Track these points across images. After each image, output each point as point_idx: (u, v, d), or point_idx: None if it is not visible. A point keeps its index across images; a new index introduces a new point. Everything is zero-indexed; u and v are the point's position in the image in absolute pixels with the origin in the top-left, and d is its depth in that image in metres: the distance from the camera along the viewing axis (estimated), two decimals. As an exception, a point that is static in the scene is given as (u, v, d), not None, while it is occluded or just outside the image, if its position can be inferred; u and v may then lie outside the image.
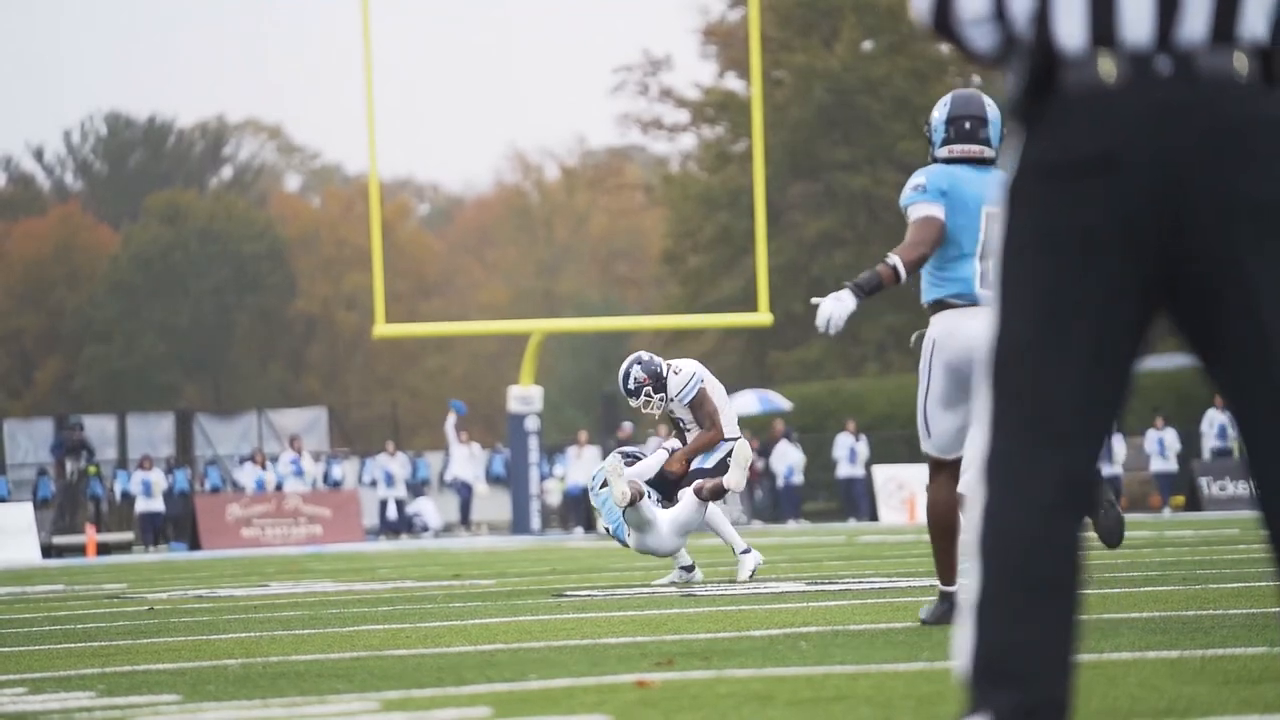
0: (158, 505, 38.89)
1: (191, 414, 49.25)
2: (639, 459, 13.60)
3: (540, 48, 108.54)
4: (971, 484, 3.28)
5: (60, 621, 11.52)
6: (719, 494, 13.21)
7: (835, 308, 8.15)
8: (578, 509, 39.21)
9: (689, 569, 13.39)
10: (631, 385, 13.47)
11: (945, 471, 8.16)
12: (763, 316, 33.14)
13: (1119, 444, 38.23)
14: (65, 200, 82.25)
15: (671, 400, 13.42)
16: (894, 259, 8.10)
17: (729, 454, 13.39)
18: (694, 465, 13.42)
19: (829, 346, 53.60)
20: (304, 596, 13.56)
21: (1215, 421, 36.68)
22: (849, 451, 38.80)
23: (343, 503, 36.94)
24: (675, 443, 13.61)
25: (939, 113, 8.47)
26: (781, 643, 7.36)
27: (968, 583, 3.21)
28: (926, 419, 8.18)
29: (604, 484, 13.25)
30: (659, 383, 13.42)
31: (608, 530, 13.35)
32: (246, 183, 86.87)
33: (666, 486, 13.45)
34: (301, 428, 46.22)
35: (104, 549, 35.88)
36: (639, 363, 13.59)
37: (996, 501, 3.22)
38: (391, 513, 40.52)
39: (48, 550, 34.78)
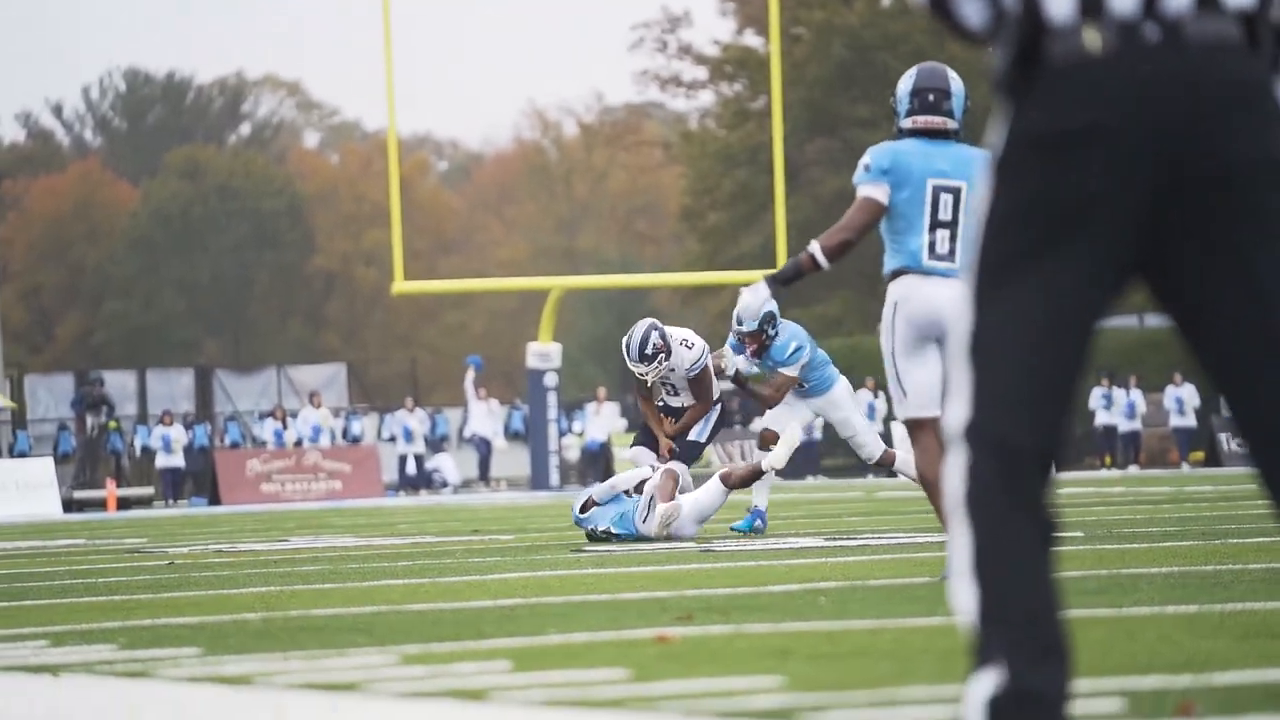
0: (178, 460, 38.98)
1: (211, 370, 49.34)
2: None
3: (558, 4, 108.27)
4: (950, 445, 3.32)
5: (81, 575, 11.56)
6: (749, 481, 13.27)
7: (750, 300, 8.50)
8: (596, 464, 39.24)
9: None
10: (650, 350, 13.42)
11: (927, 432, 8.35)
12: (782, 273, 33.10)
13: (1139, 400, 38.18)
14: (85, 156, 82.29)
15: (674, 370, 13.44)
16: (813, 246, 8.33)
17: (720, 420, 13.50)
18: (692, 436, 13.49)
19: (849, 302, 53.56)
20: (324, 551, 13.60)
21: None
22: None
23: (362, 458, 37.00)
24: (648, 459, 13.53)
25: (904, 85, 8.65)
26: (800, 598, 7.38)
27: (958, 543, 3.26)
28: (899, 377, 8.36)
29: (584, 508, 13.24)
30: (668, 352, 13.45)
31: (609, 532, 13.19)
32: (265, 139, 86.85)
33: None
34: (321, 384, 46.29)
35: (124, 504, 36.00)
36: (656, 329, 13.56)
37: (980, 467, 3.28)
38: (411, 468, 40.59)
39: (68, 505, 34.90)
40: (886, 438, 36.99)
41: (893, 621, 6.23)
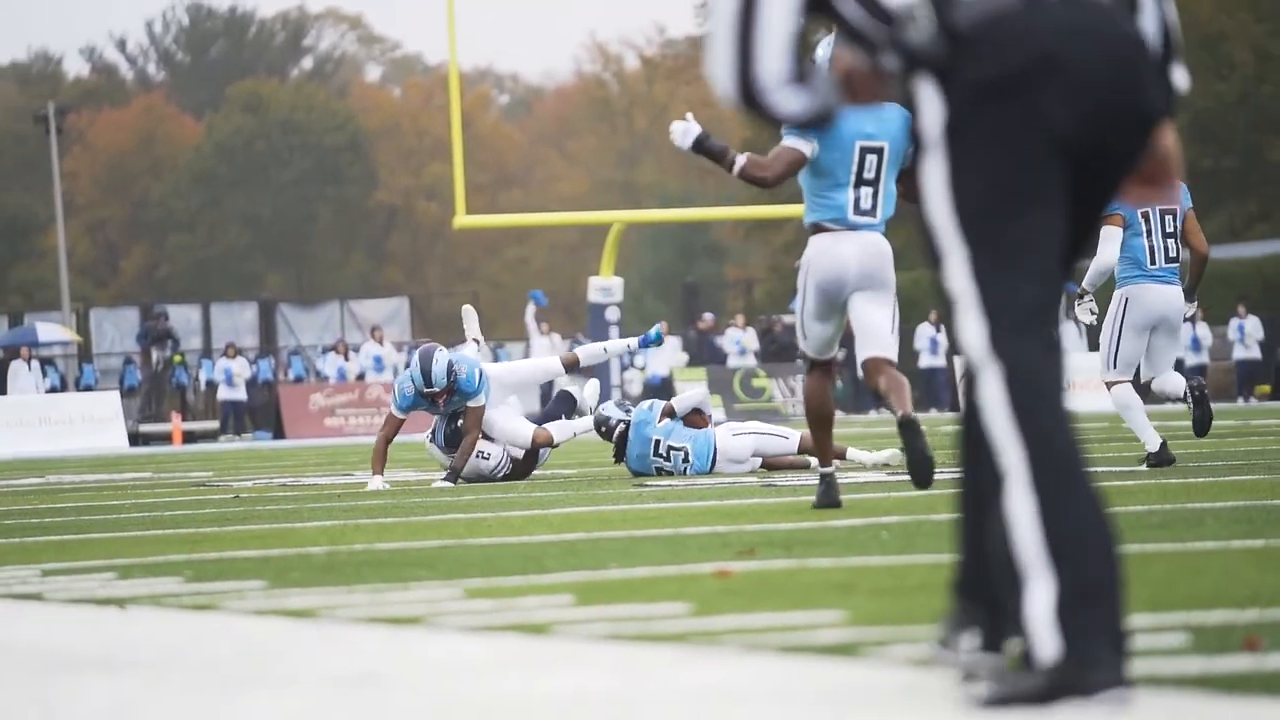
0: (241, 394, 39.16)
1: (274, 304, 49.51)
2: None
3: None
4: (978, 366, 3.53)
5: (147, 509, 11.64)
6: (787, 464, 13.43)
7: (680, 134, 9.10)
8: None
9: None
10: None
11: (820, 368, 9.13)
12: (844, 206, 33.02)
13: (1205, 333, 37.96)
14: (148, 90, 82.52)
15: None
16: (741, 160, 8.98)
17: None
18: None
19: (910, 237, 53.33)
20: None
21: (1301, 311, 36.38)
22: (930, 342, 38.70)
23: (425, 392, 37.06)
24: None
25: (822, 51, 9.01)
26: (863, 533, 7.37)
27: (1010, 456, 3.41)
28: (804, 328, 9.11)
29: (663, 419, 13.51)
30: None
31: (673, 448, 13.50)
32: (327, 73, 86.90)
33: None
34: (383, 318, 46.41)
35: (189, 437, 36.22)
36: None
37: (1016, 377, 3.45)
38: (473, 402, 40.63)
39: (134, 438, 35.14)
40: (949, 372, 36.91)
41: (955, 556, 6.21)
